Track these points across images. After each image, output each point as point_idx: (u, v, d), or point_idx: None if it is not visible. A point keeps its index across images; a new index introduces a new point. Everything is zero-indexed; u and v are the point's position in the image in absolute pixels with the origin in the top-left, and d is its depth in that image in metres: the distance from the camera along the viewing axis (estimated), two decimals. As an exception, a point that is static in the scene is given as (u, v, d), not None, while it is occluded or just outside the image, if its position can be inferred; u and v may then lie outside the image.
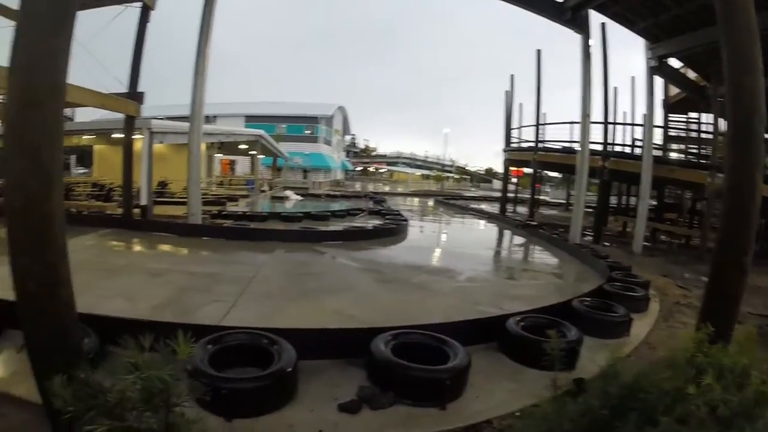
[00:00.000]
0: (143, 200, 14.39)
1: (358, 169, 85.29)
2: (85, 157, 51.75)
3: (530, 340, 4.95)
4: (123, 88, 13.45)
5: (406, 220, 16.45)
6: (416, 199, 37.75)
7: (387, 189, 50.34)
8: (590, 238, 15.69)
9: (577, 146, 16.54)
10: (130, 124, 13.75)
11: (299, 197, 30.57)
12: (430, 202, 33.89)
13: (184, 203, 15.91)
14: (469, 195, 43.84)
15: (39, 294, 2.82)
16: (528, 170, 28.33)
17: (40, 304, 2.86)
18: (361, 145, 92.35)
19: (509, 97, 25.40)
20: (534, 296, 7.91)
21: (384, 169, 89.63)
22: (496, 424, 3.94)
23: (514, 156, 24.99)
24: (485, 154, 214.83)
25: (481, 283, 9.10)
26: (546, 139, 22.44)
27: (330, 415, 3.87)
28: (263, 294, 7.39)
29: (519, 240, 15.53)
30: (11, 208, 2.73)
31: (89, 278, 7.43)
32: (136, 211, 14.17)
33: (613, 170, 16.36)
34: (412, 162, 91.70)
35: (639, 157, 15.60)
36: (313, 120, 54.84)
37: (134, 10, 13.67)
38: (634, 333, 6.39)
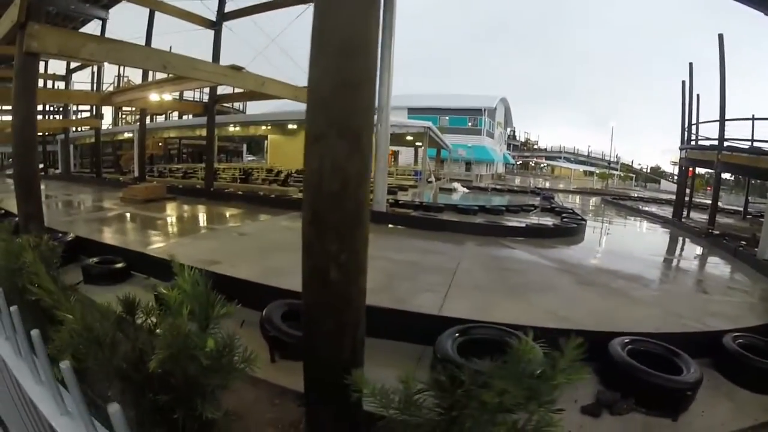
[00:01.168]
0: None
1: (518, 162, 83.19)
2: (252, 145, 56.30)
3: (748, 360, 4.52)
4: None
5: (584, 220, 15.61)
6: (582, 197, 35.81)
7: (548, 185, 48.30)
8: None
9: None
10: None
11: (466, 189, 30.41)
12: (597, 201, 32.00)
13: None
14: (636, 196, 40.60)
15: (341, 282, 2.70)
16: (701, 170, 25.05)
17: (341, 292, 2.75)
18: (522, 138, 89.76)
19: (686, 88, 22.66)
20: (734, 315, 7.02)
21: (544, 163, 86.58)
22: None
23: (694, 155, 21.34)
24: (652, 151, 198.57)
25: (676, 295, 8.37)
26: (727, 137, 18.91)
27: (573, 417, 3.80)
28: (471, 286, 7.26)
29: (700, 250, 13.89)
30: (325, 193, 2.62)
31: (293, 259, 7.89)
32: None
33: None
34: (574, 157, 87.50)
35: None
36: (476, 112, 54.15)
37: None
38: None
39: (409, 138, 31.25)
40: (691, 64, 21.94)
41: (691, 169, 27.30)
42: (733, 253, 12.20)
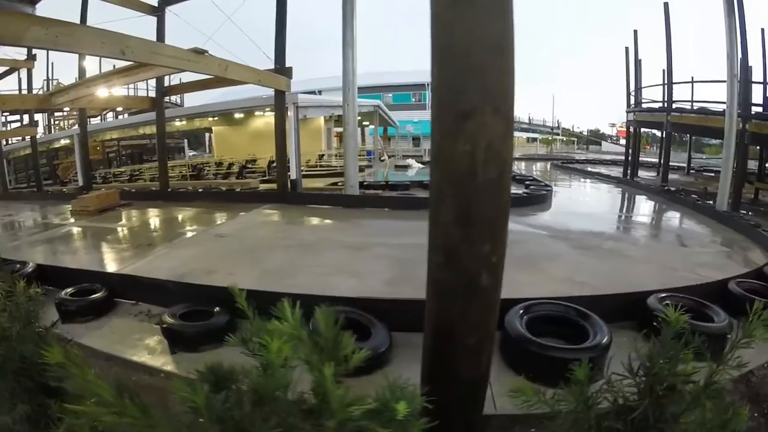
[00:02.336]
0: (293, 174, 14.40)
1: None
2: (191, 140, 54.24)
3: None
4: (270, 64, 13.46)
5: (549, 187, 15.61)
6: (531, 163, 36.44)
7: None
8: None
9: (716, 107, 15.50)
10: (281, 100, 13.71)
11: (421, 165, 30.22)
12: (548, 166, 32.80)
13: (318, 176, 16.08)
14: (582, 158, 41.82)
15: (490, 289, 2.35)
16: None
17: (490, 300, 2.39)
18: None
19: (630, 54, 23.16)
20: (719, 264, 7.49)
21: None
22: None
23: (643, 117, 22.92)
24: (589, 114, 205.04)
25: (661, 250, 8.72)
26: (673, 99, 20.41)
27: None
28: (508, 261, 6.85)
29: (662, 206, 14.41)
30: (480, 183, 2.15)
31: (292, 256, 7.69)
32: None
33: (755, 133, 14.34)
34: (518, 125, 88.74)
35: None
36: (419, 87, 53.82)
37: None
38: None
39: (357, 118, 30.51)
40: (635, 31, 22.73)
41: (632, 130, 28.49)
42: (692, 206, 12.96)
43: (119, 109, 35.68)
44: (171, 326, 4.61)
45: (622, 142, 73.77)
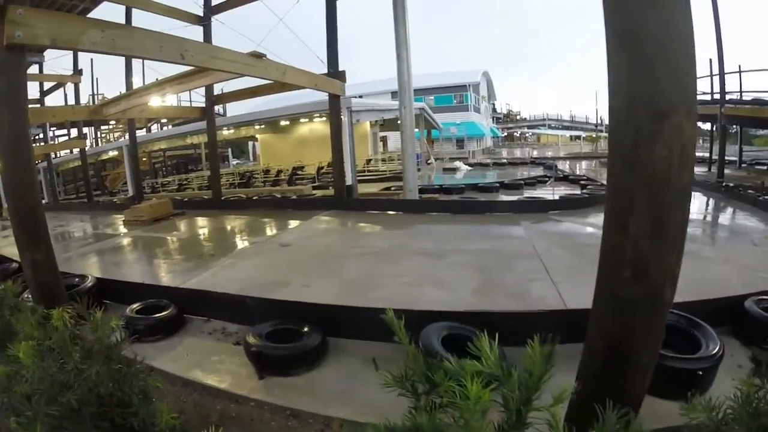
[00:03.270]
0: (349, 179, 13.97)
1: (504, 135, 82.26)
2: (233, 149, 54.68)
3: None
4: (322, 69, 13.09)
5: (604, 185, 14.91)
6: (578, 162, 35.47)
7: (536, 153, 48.30)
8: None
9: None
10: (336, 104, 13.37)
11: (468, 167, 29.69)
12: (595, 165, 31.97)
13: (369, 180, 15.75)
14: None
15: (669, 302, 2.25)
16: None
17: (665, 314, 2.30)
18: (503, 110, 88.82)
19: None
20: None
21: (530, 133, 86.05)
22: None
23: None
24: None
25: (734, 250, 8.08)
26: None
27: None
28: (567, 268, 6.58)
29: (722, 204, 13.73)
30: (673, 190, 2.06)
31: (368, 265, 7.26)
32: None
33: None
34: (559, 123, 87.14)
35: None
36: (461, 88, 53.02)
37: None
38: None
39: (400, 122, 30.04)
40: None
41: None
42: (752, 203, 12.31)
43: (164, 120, 36.18)
44: (259, 348, 4.13)
45: None
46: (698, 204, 14.30)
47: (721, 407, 1.75)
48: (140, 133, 34.74)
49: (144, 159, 35.17)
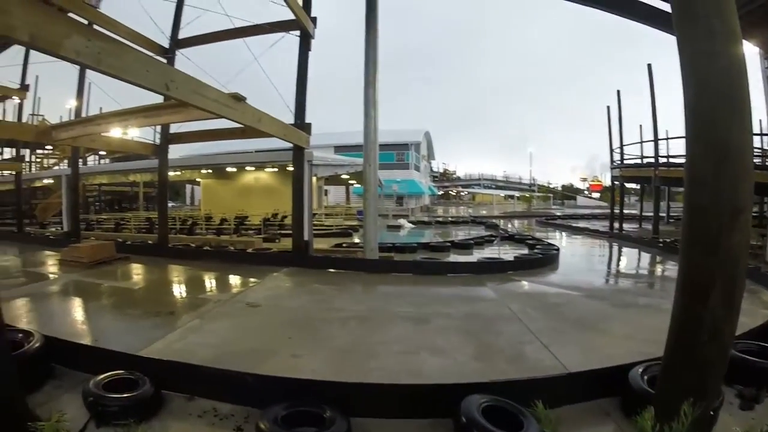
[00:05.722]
0: (305, 235, 13.51)
1: (440, 193, 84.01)
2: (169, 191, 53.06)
3: None
4: (290, 119, 12.82)
5: (556, 247, 15.46)
6: (515, 221, 36.74)
7: (471, 211, 50.05)
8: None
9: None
10: (299, 156, 13.06)
11: (412, 225, 29.85)
12: (532, 223, 33.95)
13: (317, 235, 15.61)
14: (560, 214, 43.16)
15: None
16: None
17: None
18: (440, 168, 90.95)
19: (611, 112, 24.64)
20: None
21: (465, 192, 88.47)
22: None
23: (630, 173, 23.88)
24: (561, 170, 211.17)
25: None
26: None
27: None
28: (548, 328, 6.93)
29: (660, 258, 15.08)
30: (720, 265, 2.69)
31: (352, 331, 6.99)
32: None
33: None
34: (493, 183, 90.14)
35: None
36: (403, 147, 53.87)
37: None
38: None
39: (345, 176, 30.06)
40: (618, 92, 24.00)
41: (599, 184, 29.70)
42: None
43: (102, 153, 34.47)
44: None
45: (595, 195, 76.31)
46: (641, 260, 15.43)
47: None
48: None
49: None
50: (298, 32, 13.19)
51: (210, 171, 25.02)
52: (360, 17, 12.73)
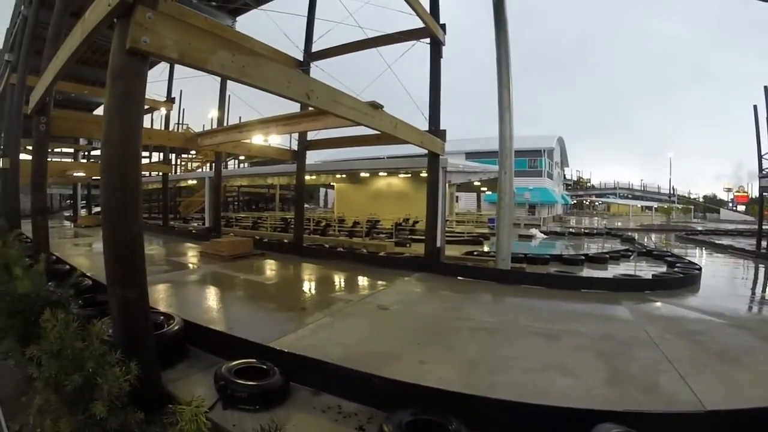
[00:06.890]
0: (438, 242, 13.42)
1: (573, 202, 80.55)
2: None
3: None
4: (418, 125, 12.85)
5: (699, 268, 13.77)
6: (652, 235, 34.14)
7: (605, 223, 47.80)
8: None
9: None
10: (434, 162, 13.07)
11: (543, 235, 28.88)
12: (671, 238, 31.14)
13: (449, 242, 15.44)
14: (701, 228, 39.56)
15: None
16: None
17: None
18: (573, 176, 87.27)
19: (759, 112, 20.84)
20: None
21: (599, 201, 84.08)
22: None
23: None
24: (703, 177, 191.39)
25: None
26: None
27: None
28: (689, 359, 6.15)
29: None
30: None
31: (481, 342, 6.71)
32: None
33: None
34: (630, 193, 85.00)
35: None
36: (535, 153, 52.05)
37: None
38: None
39: (476, 183, 29.68)
40: (766, 87, 20.07)
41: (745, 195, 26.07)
42: None
43: (241, 157, 37.15)
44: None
45: (740, 208, 68.76)
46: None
47: None
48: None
49: (218, 191, 36.46)
50: (428, 40, 13.24)
51: (344, 176, 25.84)
52: (481, 20, 12.42)
